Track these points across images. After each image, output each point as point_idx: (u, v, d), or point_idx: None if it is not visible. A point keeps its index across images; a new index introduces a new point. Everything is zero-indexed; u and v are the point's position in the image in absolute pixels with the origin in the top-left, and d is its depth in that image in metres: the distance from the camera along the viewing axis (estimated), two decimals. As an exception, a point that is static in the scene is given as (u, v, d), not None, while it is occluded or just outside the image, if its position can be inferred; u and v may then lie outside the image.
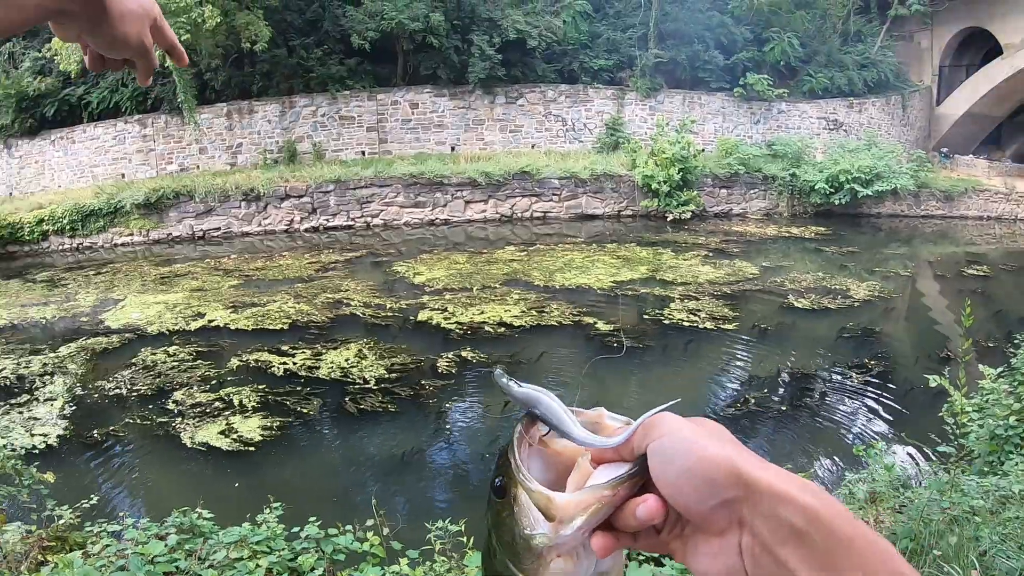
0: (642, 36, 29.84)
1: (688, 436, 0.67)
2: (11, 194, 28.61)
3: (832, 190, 26.10)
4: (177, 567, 4.00)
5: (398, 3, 26.34)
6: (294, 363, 13.05)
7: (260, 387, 11.99)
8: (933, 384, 6.49)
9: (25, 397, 12.06)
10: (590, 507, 0.71)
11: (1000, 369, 6.27)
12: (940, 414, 6.49)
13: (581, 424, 0.79)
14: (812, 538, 0.59)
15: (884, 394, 11.80)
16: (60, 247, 24.77)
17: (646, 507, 0.68)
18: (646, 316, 15.56)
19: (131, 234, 24.90)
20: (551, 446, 0.81)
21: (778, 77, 30.19)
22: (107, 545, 4.45)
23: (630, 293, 17.26)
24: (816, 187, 26.19)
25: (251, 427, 10.58)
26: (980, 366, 6.61)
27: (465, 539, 4.63)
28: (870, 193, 25.96)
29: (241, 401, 11.49)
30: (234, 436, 10.34)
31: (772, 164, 27.49)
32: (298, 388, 11.99)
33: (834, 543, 0.59)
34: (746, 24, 30.62)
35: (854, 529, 0.59)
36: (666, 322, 15.07)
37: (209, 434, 10.42)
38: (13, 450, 9.25)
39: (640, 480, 0.71)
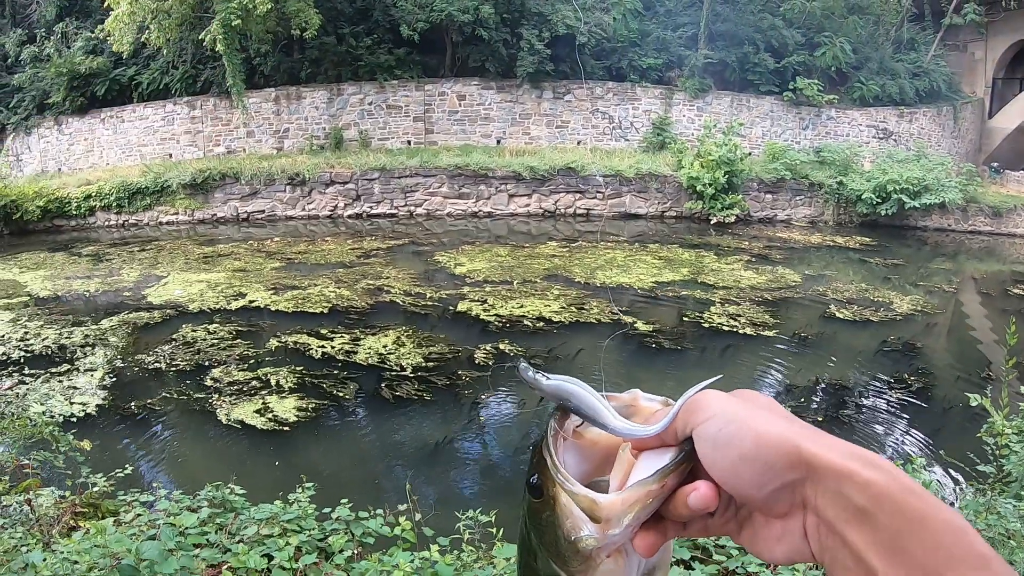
0: (692, 36, 29.59)
1: (737, 417, 0.63)
2: (60, 169, 29.12)
3: (879, 200, 25.71)
4: (208, 540, 4.03)
5: (449, -6, 26.44)
6: (332, 347, 13.13)
7: (297, 368, 12.09)
8: (974, 403, 6.35)
9: (66, 367, 12.26)
10: (638, 503, 0.67)
11: (1044, 392, 6.14)
12: (979, 434, 6.36)
13: (615, 409, 0.75)
14: (879, 518, 0.55)
15: (923, 410, 11.63)
16: (106, 223, 25.16)
17: (699, 495, 0.64)
18: (686, 318, 15.47)
19: (176, 213, 25.24)
20: (586, 436, 0.77)
21: (828, 83, 29.81)
22: (139, 514, 4.51)
23: (670, 294, 17.15)
24: (863, 196, 25.81)
25: (287, 407, 10.66)
26: (1023, 388, 6.48)
27: (494, 530, 4.63)
28: (917, 205, 25.53)
29: (278, 381, 11.58)
30: (269, 415, 10.43)
31: (819, 171, 27.14)
32: (335, 372, 12.06)
33: (903, 523, 0.55)
34: (797, 28, 30.28)
35: (925, 506, 0.55)
36: (705, 325, 14.96)
37: (245, 412, 10.52)
38: (52, 417, 9.42)
39: (688, 466, 0.67)
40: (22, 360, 12.62)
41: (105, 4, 25.38)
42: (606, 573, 0.71)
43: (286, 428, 10.08)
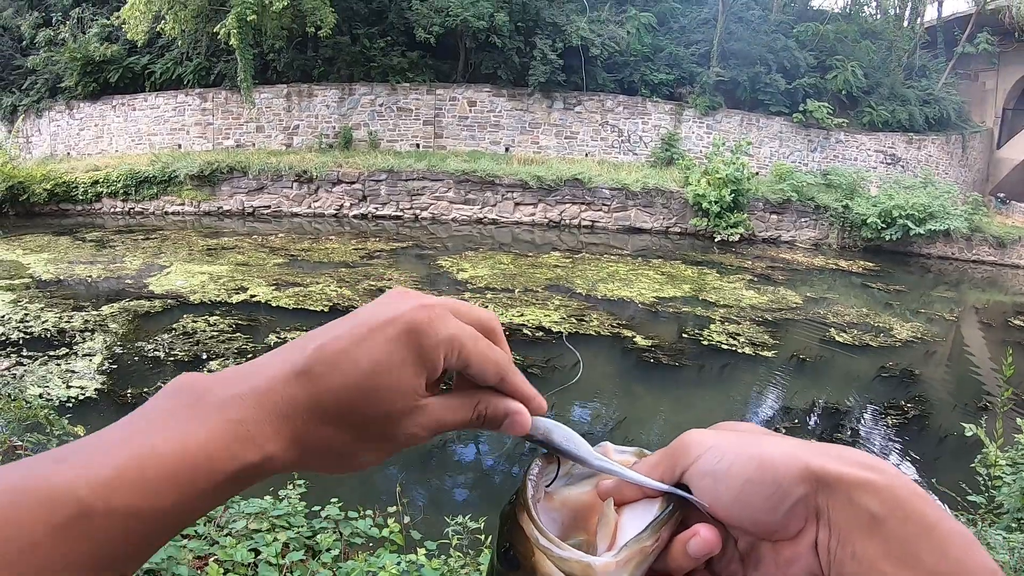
0: (705, 53, 29.61)
1: (734, 445, 0.61)
2: (69, 154, 29.23)
3: (884, 225, 25.70)
4: (196, 531, 4.03)
5: (464, 0, 26.45)
6: (330, 346, 13.11)
7: (294, 366, 12.08)
8: (969, 434, 6.34)
9: (64, 350, 12.27)
10: (632, 561, 0.62)
11: (1039, 426, 6.12)
12: (972, 465, 6.36)
13: (582, 470, 0.71)
14: (890, 524, 0.54)
15: (918, 438, 11.61)
16: (112, 210, 25.21)
17: (700, 540, 0.60)
18: (685, 335, 15.46)
19: (182, 204, 25.28)
20: (555, 497, 0.71)
21: (838, 106, 29.82)
22: (129, 504, 4.49)
23: (671, 310, 17.15)
24: (868, 221, 25.79)
25: (281, 404, 10.67)
26: (1018, 419, 6.46)
27: (483, 536, 4.63)
28: (922, 232, 25.51)
29: (274, 378, 11.58)
30: (264, 411, 10.43)
31: (825, 194, 27.12)
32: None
33: (913, 529, 0.53)
34: (810, 50, 30.32)
35: (935, 513, 0.54)
36: (705, 343, 14.95)
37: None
38: (48, 400, 9.43)
39: (680, 515, 0.64)
40: (21, 341, 12.63)
41: (122, -9, 25.55)
42: None
43: (280, 424, 10.07)
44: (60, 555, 0.47)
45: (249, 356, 12.43)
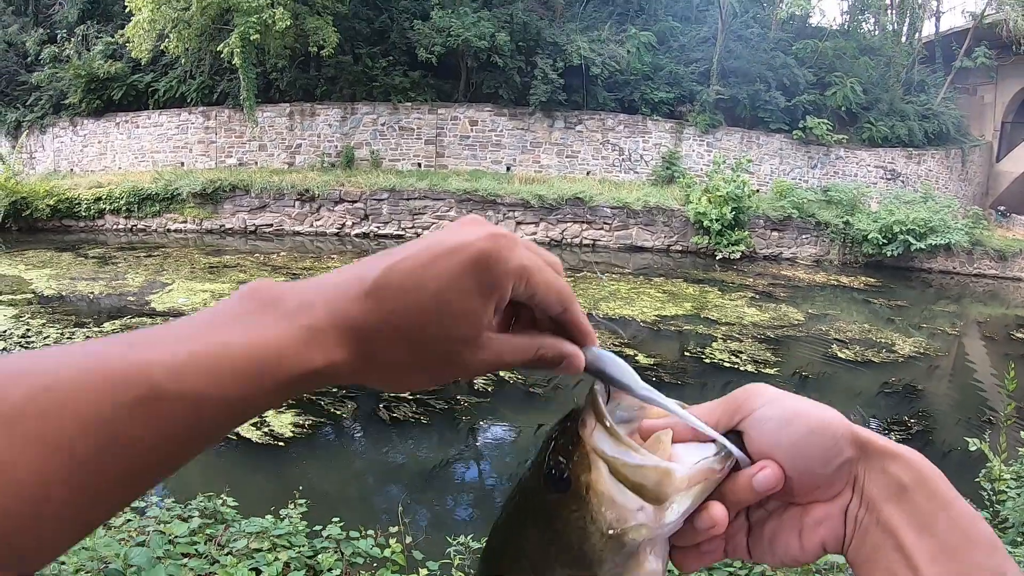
0: (704, 71, 29.67)
1: (794, 401, 0.66)
2: (72, 170, 29.36)
3: (885, 241, 25.67)
4: (196, 550, 4.02)
5: (465, 20, 26.55)
6: (331, 364, 13.07)
7: (296, 385, 12.03)
8: (972, 448, 6.31)
9: (66, 370, 12.25)
10: (699, 484, 0.61)
11: (1044, 439, 6.10)
12: (977, 479, 6.33)
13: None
14: (915, 496, 0.61)
15: (922, 453, 11.47)
16: (115, 226, 25.29)
17: (770, 473, 0.63)
18: (687, 353, 15.43)
19: (185, 221, 25.34)
20: None
21: (838, 122, 29.84)
22: (129, 520, 4.48)
23: (673, 328, 17.12)
24: (869, 237, 25.77)
25: (283, 423, 10.64)
26: (1022, 433, 6.44)
27: (484, 556, 4.61)
28: (923, 247, 25.46)
29: (276, 396, 11.53)
30: (265, 429, 10.41)
31: (826, 210, 27.12)
32: (333, 390, 12.02)
33: (935, 503, 0.61)
34: (809, 67, 30.40)
35: (950, 491, 0.62)
36: (707, 361, 14.92)
37: (241, 425, 10.47)
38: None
39: (734, 460, 0.64)
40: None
41: (127, 10, 25.65)
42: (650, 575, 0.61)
43: (281, 443, 10.06)
44: (125, 433, 0.48)
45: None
